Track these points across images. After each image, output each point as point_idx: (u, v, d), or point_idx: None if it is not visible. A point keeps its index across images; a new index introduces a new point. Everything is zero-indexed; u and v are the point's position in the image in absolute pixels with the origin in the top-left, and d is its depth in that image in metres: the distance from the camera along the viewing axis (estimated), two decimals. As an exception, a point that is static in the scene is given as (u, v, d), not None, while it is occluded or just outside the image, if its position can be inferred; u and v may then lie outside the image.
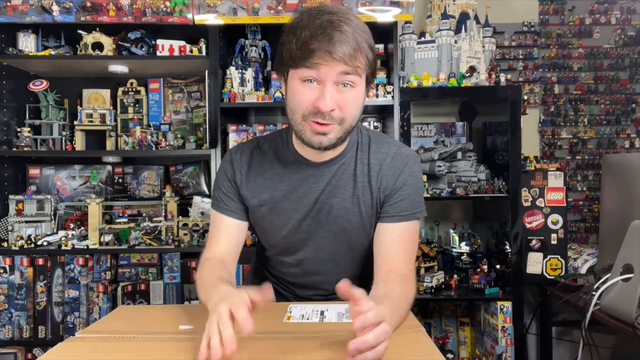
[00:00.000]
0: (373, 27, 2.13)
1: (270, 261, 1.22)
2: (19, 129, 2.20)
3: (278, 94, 2.11)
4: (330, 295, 1.16)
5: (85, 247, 2.08)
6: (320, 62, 0.91)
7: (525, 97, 2.49)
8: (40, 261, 2.11)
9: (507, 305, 2.10)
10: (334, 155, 1.07)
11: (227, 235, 1.13)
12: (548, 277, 2.16)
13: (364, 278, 1.18)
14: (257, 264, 1.30)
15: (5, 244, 2.10)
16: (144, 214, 2.31)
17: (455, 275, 2.21)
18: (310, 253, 1.13)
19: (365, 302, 0.71)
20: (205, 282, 0.99)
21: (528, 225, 2.18)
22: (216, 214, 1.14)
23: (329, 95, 0.92)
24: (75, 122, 2.21)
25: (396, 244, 1.05)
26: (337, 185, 1.08)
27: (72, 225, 2.23)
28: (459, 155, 2.26)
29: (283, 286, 1.21)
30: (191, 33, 2.13)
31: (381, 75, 2.16)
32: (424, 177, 2.19)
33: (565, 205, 2.17)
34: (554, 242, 2.17)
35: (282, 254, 1.17)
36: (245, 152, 1.13)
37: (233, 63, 2.17)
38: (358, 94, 0.97)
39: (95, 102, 2.33)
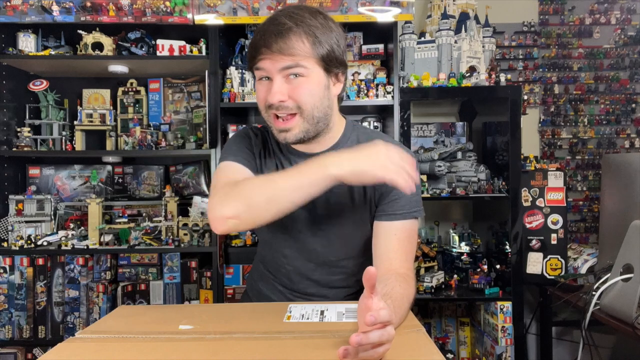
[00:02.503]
0: (373, 27, 2.16)
1: (267, 256, 1.23)
2: (19, 129, 2.20)
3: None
4: (323, 289, 1.17)
5: (85, 247, 2.08)
6: (263, 57, 0.97)
7: (525, 97, 2.50)
8: (40, 261, 2.11)
9: (507, 305, 2.10)
10: (323, 149, 1.10)
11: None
12: (548, 277, 2.16)
13: (360, 275, 1.18)
14: (256, 264, 1.32)
15: (5, 244, 2.10)
16: (144, 214, 2.31)
17: (455, 275, 2.21)
18: (304, 245, 1.14)
19: (378, 300, 0.71)
20: (276, 173, 0.97)
21: (528, 225, 2.18)
22: (231, 164, 1.05)
23: (275, 87, 0.97)
24: (75, 122, 2.21)
25: (394, 242, 1.06)
26: None
27: (72, 225, 2.23)
28: (459, 155, 2.26)
29: (279, 281, 1.21)
30: (191, 33, 2.13)
31: (381, 75, 2.16)
32: (424, 177, 2.19)
33: (565, 205, 2.17)
34: (554, 242, 2.17)
35: (278, 244, 1.17)
36: (258, 132, 1.17)
37: (233, 63, 2.17)
38: (312, 83, 0.99)
39: (95, 102, 2.33)
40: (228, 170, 1.05)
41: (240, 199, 0.92)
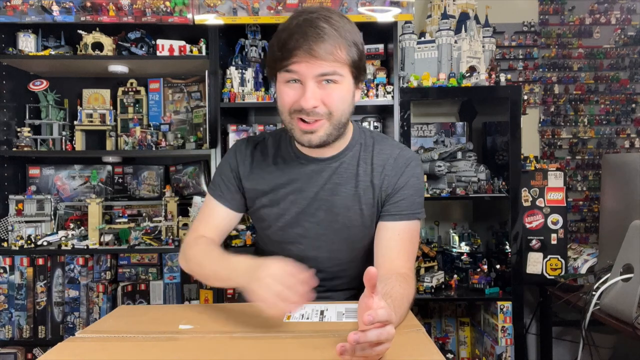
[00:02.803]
0: (373, 27, 2.16)
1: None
2: (19, 129, 2.19)
3: (278, 94, 2.10)
4: (327, 292, 1.17)
5: (85, 247, 2.08)
6: (298, 60, 0.94)
7: (525, 97, 2.50)
8: (40, 261, 2.11)
9: (507, 305, 2.10)
10: (334, 153, 1.10)
11: (217, 222, 1.16)
12: (548, 277, 2.16)
13: (362, 276, 1.18)
14: None
15: (5, 244, 2.10)
16: (144, 214, 2.31)
17: (455, 275, 2.21)
18: (309, 250, 1.14)
19: (378, 300, 0.71)
20: (212, 254, 1.01)
21: (528, 225, 2.18)
22: (211, 199, 1.18)
23: (309, 92, 0.95)
24: (75, 122, 2.21)
25: (396, 242, 1.06)
26: (339, 184, 1.10)
27: (72, 225, 2.23)
28: (459, 155, 2.26)
29: None
30: (191, 33, 2.13)
31: (381, 75, 2.16)
32: (424, 177, 2.19)
33: (565, 205, 2.17)
34: (554, 242, 2.17)
35: (280, 250, 1.16)
36: (249, 145, 1.17)
37: (233, 63, 2.17)
38: (343, 90, 0.99)
39: (95, 102, 2.33)
40: (205, 212, 1.18)
41: (188, 264, 1.09)
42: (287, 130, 1.14)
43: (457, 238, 2.31)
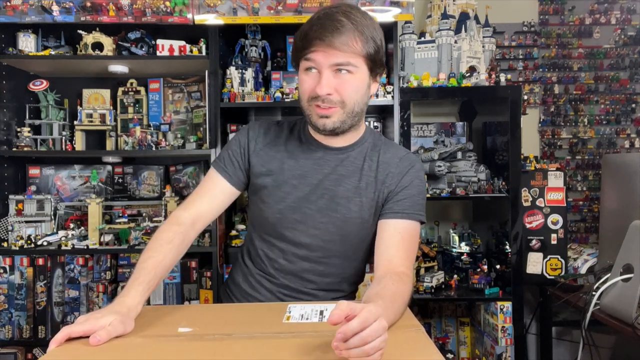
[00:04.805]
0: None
1: (258, 247, 1.20)
2: (19, 129, 2.19)
3: (278, 94, 2.10)
4: (318, 290, 1.17)
5: (85, 247, 2.08)
6: (315, 48, 1.01)
7: (525, 97, 2.50)
8: (40, 261, 2.11)
9: (507, 305, 2.10)
10: (343, 144, 1.15)
11: (214, 193, 1.17)
12: (548, 277, 2.16)
13: (352, 279, 1.21)
14: (240, 266, 1.27)
15: (5, 244, 2.10)
16: (144, 214, 2.31)
17: (455, 275, 2.21)
18: (303, 237, 1.14)
19: (360, 308, 0.71)
20: (148, 254, 1.01)
21: (528, 225, 2.18)
22: (213, 172, 1.19)
23: (324, 80, 1.02)
24: (75, 122, 2.21)
25: (396, 240, 1.08)
26: (344, 175, 1.13)
27: (72, 225, 2.22)
28: (459, 155, 2.26)
29: (269, 278, 1.19)
30: (191, 33, 2.13)
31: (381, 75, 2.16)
32: (425, 177, 2.19)
33: (565, 205, 2.17)
34: (554, 242, 2.17)
35: (274, 234, 1.16)
36: (263, 126, 1.21)
37: (233, 63, 2.17)
38: (357, 80, 1.05)
39: (95, 102, 2.33)
40: (204, 184, 1.18)
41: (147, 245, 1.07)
42: (303, 118, 1.18)
43: (457, 238, 2.32)
